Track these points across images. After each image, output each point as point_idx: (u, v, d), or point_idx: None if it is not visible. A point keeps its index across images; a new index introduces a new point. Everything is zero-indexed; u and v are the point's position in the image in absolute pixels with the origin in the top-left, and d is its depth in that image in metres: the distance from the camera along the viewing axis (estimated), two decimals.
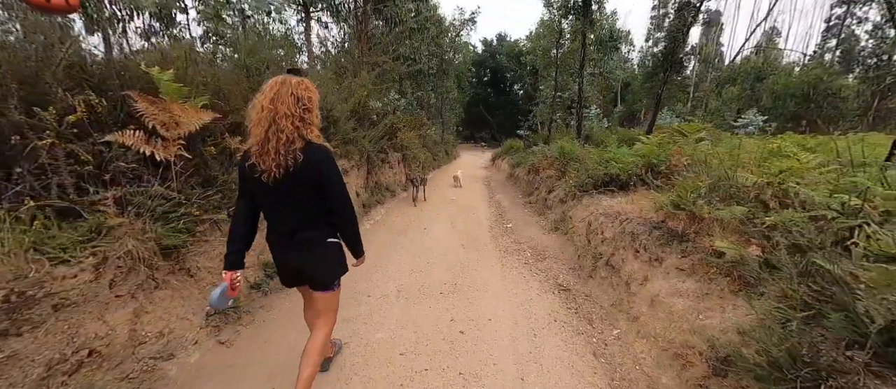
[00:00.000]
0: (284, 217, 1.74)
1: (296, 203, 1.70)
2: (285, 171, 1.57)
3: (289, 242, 1.77)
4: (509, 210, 8.00)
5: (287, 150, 1.56)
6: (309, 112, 1.64)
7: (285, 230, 1.76)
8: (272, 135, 1.55)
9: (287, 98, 1.56)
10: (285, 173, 1.57)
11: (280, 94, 1.56)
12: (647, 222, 3.55)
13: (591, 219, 4.71)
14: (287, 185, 1.61)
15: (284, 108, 1.55)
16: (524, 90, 41.13)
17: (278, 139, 1.54)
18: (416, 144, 10.31)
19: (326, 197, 1.71)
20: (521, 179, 11.00)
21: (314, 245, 1.79)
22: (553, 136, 12.42)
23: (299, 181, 1.62)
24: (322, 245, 1.81)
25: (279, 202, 1.70)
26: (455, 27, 17.98)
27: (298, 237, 1.75)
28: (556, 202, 6.68)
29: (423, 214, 7.00)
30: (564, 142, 7.41)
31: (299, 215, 1.73)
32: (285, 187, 1.62)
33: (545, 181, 8.03)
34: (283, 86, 1.58)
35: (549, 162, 8.58)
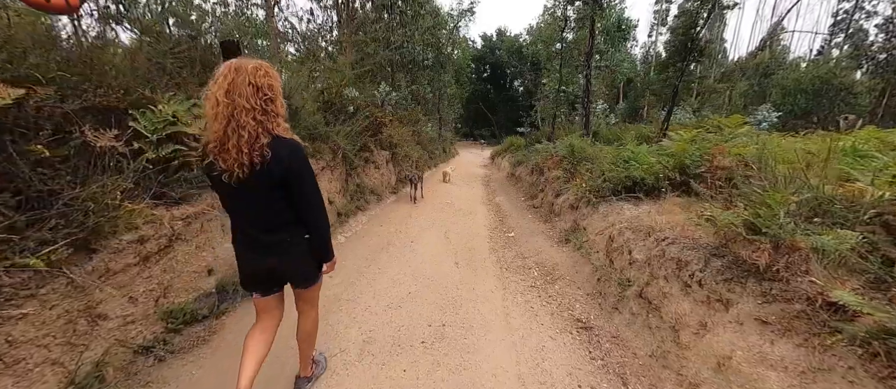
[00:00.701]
0: (253, 218, 1.60)
1: (265, 203, 1.55)
2: (250, 170, 1.42)
3: (261, 245, 1.63)
4: (511, 215, 7.15)
5: (251, 148, 1.39)
6: (271, 102, 1.45)
7: (255, 232, 1.61)
8: (232, 132, 1.37)
9: (244, 88, 1.36)
10: (250, 172, 1.42)
11: (236, 85, 1.36)
12: (698, 245, 2.69)
13: (612, 234, 3.85)
14: (253, 185, 1.47)
15: (243, 101, 1.36)
16: (525, 86, 40.30)
17: (240, 137, 1.37)
18: (408, 141, 9.44)
19: (295, 195, 1.56)
20: (524, 179, 10.14)
21: (290, 244, 1.67)
22: (557, 133, 11.55)
23: (267, 180, 1.47)
24: (299, 243, 1.69)
25: (246, 203, 1.56)
26: (453, 18, 17.07)
27: (271, 239, 1.62)
28: (565, 208, 5.83)
29: (412, 222, 6.13)
30: (573, 139, 6.56)
31: (269, 216, 1.59)
32: (251, 186, 1.47)
33: (551, 183, 7.17)
34: (238, 75, 1.37)
35: (556, 161, 7.72)
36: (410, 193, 8.12)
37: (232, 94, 1.36)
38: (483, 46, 41.90)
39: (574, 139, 6.63)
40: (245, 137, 1.37)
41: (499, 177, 13.35)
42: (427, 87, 14.72)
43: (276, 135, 1.46)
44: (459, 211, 7.22)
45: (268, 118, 1.43)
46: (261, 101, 1.40)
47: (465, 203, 8.17)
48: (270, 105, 1.44)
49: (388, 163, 7.87)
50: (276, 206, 1.57)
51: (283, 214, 1.60)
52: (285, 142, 1.49)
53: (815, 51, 34.90)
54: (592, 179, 5.15)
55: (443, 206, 7.60)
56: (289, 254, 1.68)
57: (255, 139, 1.39)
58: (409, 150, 9.01)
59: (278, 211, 1.58)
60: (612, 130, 10.80)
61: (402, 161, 8.67)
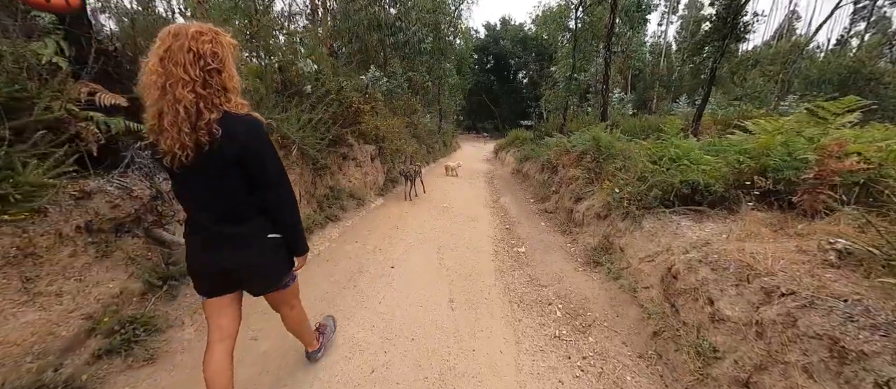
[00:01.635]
0: (206, 208, 1.37)
1: (217, 189, 1.32)
2: (196, 152, 1.22)
3: (211, 240, 1.40)
4: (519, 221, 5.98)
5: (193, 126, 1.18)
6: (217, 74, 1.22)
7: (207, 224, 1.38)
8: (168, 107, 1.17)
9: (181, 55, 1.15)
10: (197, 154, 1.22)
11: (172, 52, 1.15)
12: (868, 313, 1.52)
13: (673, 266, 2.68)
14: (203, 169, 1.26)
15: (180, 71, 1.15)
16: (529, 77, 38.95)
17: (176, 113, 1.17)
18: (401, 134, 8.26)
19: (255, 179, 1.34)
20: (532, 177, 8.96)
21: (248, 242, 1.43)
22: (569, 125, 10.35)
23: (220, 163, 1.27)
24: (259, 240, 1.45)
25: (196, 190, 1.34)
26: (455, 1, 15.73)
27: (226, 232, 1.39)
28: (589, 217, 4.65)
29: (397, 235, 4.97)
30: (597, 131, 5.35)
31: (224, 205, 1.36)
32: (201, 171, 1.27)
33: (568, 184, 5.99)
34: (176, 40, 1.16)
35: (573, 158, 6.53)
36: (405, 190, 7.02)
37: (166, 63, 1.16)
38: (486, 36, 40.46)
39: (598, 131, 5.43)
40: (181, 113, 1.17)
41: (503, 173, 12.17)
42: (426, 75, 13.48)
43: (228, 112, 1.24)
44: (458, 217, 6.05)
45: (212, 91, 1.21)
46: (202, 72, 1.18)
47: (466, 205, 7.00)
48: (215, 77, 1.21)
49: (374, 159, 6.70)
50: (231, 193, 1.34)
51: (241, 203, 1.37)
52: (240, 118, 1.27)
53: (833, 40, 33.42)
54: (629, 183, 3.97)
55: (439, 211, 6.44)
56: (246, 253, 1.44)
57: (195, 116, 1.19)
58: (401, 144, 7.83)
59: (234, 198, 1.36)
60: (631, 121, 9.56)
61: (392, 156, 7.50)
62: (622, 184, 4.01)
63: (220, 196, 1.35)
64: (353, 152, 5.71)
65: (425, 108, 16.76)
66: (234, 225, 1.39)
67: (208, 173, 1.29)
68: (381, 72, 8.69)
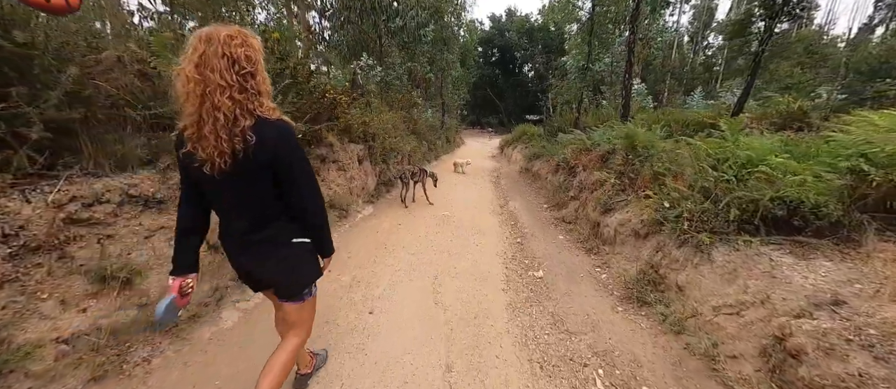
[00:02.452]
0: (237, 213, 1.37)
1: (250, 196, 1.32)
2: (232, 158, 1.19)
3: (244, 244, 1.41)
4: (534, 233, 5.06)
5: (230, 133, 1.17)
6: (252, 77, 1.20)
7: (238, 229, 1.38)
8: (207, 115, 1.15)
9: (216, 61, 1.12)
10: (233, 161, 1.20)
11: (207, 58, 1.12)
12: None
13: (792, 336, 1.75)
14: (237, 175, 1.24)
15: (216, 78, 1.12)
16: (536, 70, 37.79)
17: (216, 120, 1.14)
18: (397, 130, 7.33)
19: (285, 186, 1.32)
20: (544, 178, 8.02)
21: (277, 247, 1.42)
22: (584, 119, 9.38)
23: (252, 168, 1.24)
24: (286, 246, 1.44)
25: (229, 196, 1.33)
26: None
27: (255, 237, 1.38)
28: (625, 235, 3.71)
29: (382, 261, 4.01)
30: (632, 127, 4.38)
31: (255, 210, 1.35)
32: (234, 177, 1.24)
33: (592, 189, 5.05)
34: (209, 45, 1.13)
35: (595, 158, 5.58)
36: (401, 194, 6.13)
37: (203, 69, 1.13)
38: (491, 28, 39.27)
39: (634, 127, 4.45)
40: (221, 119, 1.15)
41: (510, 171, 11.23)
42: (427, 67, 12.51)
43: (261, 117, 1.23)
44: (461, 229, 5.13)
45: (247, 96, 1.19)
46: (238, 77, 1.17)
47: (470, 213, 6.08)
48: (250, 80, 1.20)
49: (362, 160, 5.76)
50: (261, 198, 1.33)
51: (272, 209, 1.37)
52: (271, 123, 1.25)
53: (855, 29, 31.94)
54: (687, 196, 3.03)
55: (438, 221, 5.52)
56: (273, 260, 1.43)
57: (233, 122, 1.17)
58: (396, 142, 6.89)
59: (263, 203, 1.34)
60: (651, 114, 8.55)
61: (384, 156, 6.57)
62: (676, 196, 3.07)
63: (252, 202, 1.33)
64: (334, 153, 4.78)
65: (427, 103, 15.82)
66: (261, 231, 1.37)
67: (240, 179, 1.26)
68: (375, 60, 7.74)
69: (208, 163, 1.19)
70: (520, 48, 37.03)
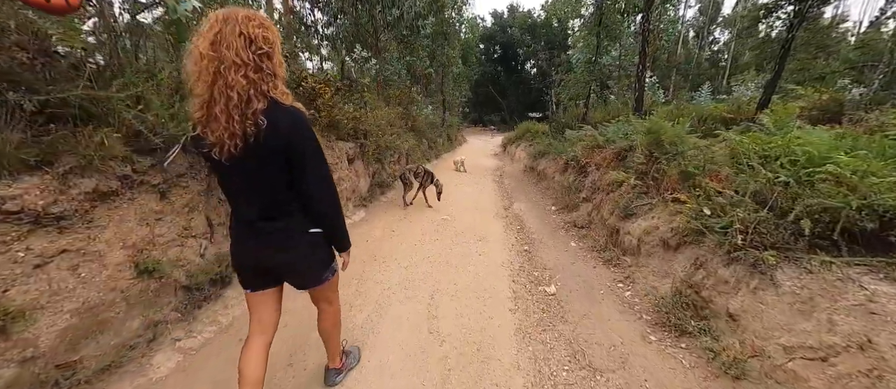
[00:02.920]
0: (246, 200, 1.32)
1: (260, 182, 1.27)
2: (243, 143, 1.15)
3: (253, 234, 1.35)
4: (542, 239, 4.55)
5: (242, 114, 1.13)
6: (268, 59, 1.17)
7: (248, 217, 1.34)
8: (219, 94, 1.11)
9: (234, 40, 1.09)
10: (244, 145, 1.15)
11: (223, 35, 1.09)
12: None
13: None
14: (248, 161, 1.20)
15: (232, 55, 1.09)
16: (538, 67, 37.17)
17: (229, 98, 1.10)
18: (394, 127, 6.82)
19: (298, 174, 1.28)
20: (551, 178, 7.50)
21: (289, 236, 1.38)
22: (593, 115, 8.85)
23: (263, 154, 1.20)
24: (300, 236, 1.40)
25: (239, 182, 1.29)
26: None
27: (267, 227, 1.34)
28: (652, 246, 3.19)
29: (376, 270, 3.54)
30: (658, 121, 3.82)
31: (265, 198, 1.30)
32: (246, 163, 1.20)
33: (607, 191, 4.53)
34: (227, 24, 1.10)
35: (609, 156, 5.07)
36: (404, 197, 5.68)
37: (219, 46, 1.10)
38: (493, 24, 38.68)
39: (656, 120, 3.91)
40: (234, 99, 1.11)
41: (513, 170, 10.72)
42: (426, 61, 11.95)
43: (274, 100, 1.19)
44: (462, 235, 4.63)
45: (262, 76, 1.15)
46: (255, 56, 1.13)
47: (471, 216, 5.58)
48: (266, 61, 1.16)
49: (353, 160, 5.23)
50: (272, 186, 1.29)
51: (283, 197, 1.32)
52: (285, 109, 1.21)
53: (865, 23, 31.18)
54: (734, 201, 2.51)
55: (437, 226, 5.01)
56: (287, 248, 1.39)
57: (246, 102, 1.13)
58: (392, 140, 6.38)
59: (275, 191, 1.30)
60: (668, 109, 8.00)
61: (380, 156, 6.05)
62: (721, 202, 2.55)
63: (262, 188, 1.29)
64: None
65: (427, 99, 15.30)
66: (273, 220, 1.34)
67: (251, 165, 1.22)
68: (370, 52, 7.22)
69: (217, 146, 1.14)
70: (522, 45, 36.44)
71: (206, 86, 1.11)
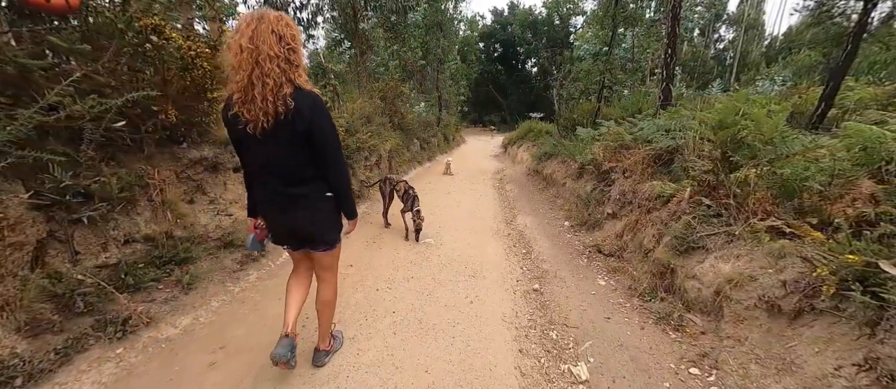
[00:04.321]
0: (275, 171, 1.56)
1: (287, 155, 1.51)
2: (274, 120, 1.39)
3: (281, 199, 1.61)
4: (557, 271, 3.34)
5: (275, 97, 1.36)
6: (294, 52, 1.42)
7: (276, 185, 1.58)
8: (256, 80, 1.35)
9: (268, 36, 1.33)
10: (274, 122, 1.40)
11: (259, 32, 1.33)
12: None
13: None
14: (277, 136, 1.43)
15: (267, 49, 1.33)
16: (540, 66, 35.92)
17: (264, 85, 1.35)
18: (370, 124, 5.62)
19: (316, 148, 1.52)
20: (561, 184, 6.28)
21: (311, 201, 1.63)
22: (606, 111, 7.65)
23: (290, 131, 1.43)
24: (321, 200, 1.65)
25: (268, 154, 1.52)
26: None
27: (292, 192, 1.59)
28: (748, 305, 1.98)
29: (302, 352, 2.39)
30: (738, 106, 2.59)
31: (291, 168, 1.55)
32: (274, 138, 1.44)
33: (647, 209, 3.31)
34: (262, 23, 1.35)
35: (643, 159, 3.86)
36: (384, 213, 4.51)
37: (256, 41, 1.33)
38: (493, 22, 37.51)
39: (733, 103, 2.65)
40: (270, 85, 1.34)
41: (516, 173, 9.52)
42: (418, 52, 10.74)
43: (298, 86, 1.42)
44: (447, 271, 3.42)
45: (291, 67, 1.40)
46: (285, 50, 1.37)
47: (463, 237, 4.37)
48: (293, 55, 1.41)
49: None
50: (298, 159, 1.52)
51: (306, 168, 1.56)
52: (307, 93, 1.45)
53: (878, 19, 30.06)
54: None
55: (413, 257, 3.79)
56: (309, 211, 1.64)
57: (278, 87, 1.36)
58: (366, 139, 5.16)
59: (301, 164, 1.54)
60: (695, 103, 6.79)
61: (349, 158, 4.84)
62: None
63: (289, 160, 1.51)
64: (227, 156, 3.01)
65: (424, 96, 14.09)
66: (297, 187, 1.57)
67: (279, 141, 1.44)
68: (343, 34, 6.03)
69: (252, 123, 1.38)
70: (523, 43, 35.27)
71: (246, 74, 1.32)
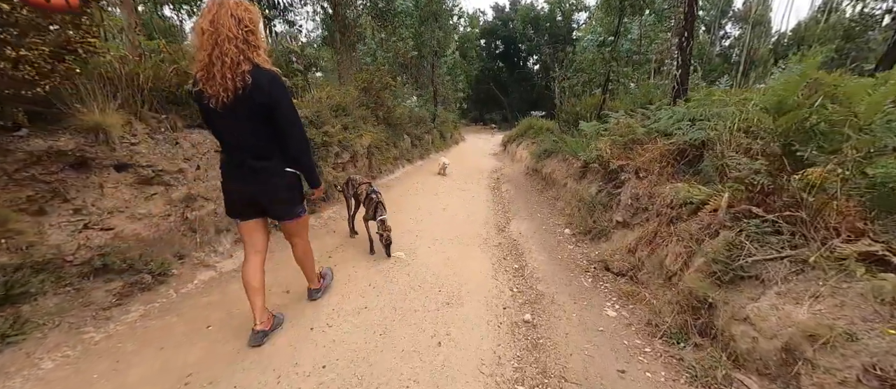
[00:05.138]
0: (238, 143, 1.73)
1: (249, 129, 1.67)
2: (234, 95, 1.56)
3: (243, 170, 1.75)
4: (555, 295, 2.65)
5: (234, 74, 1.53)
6: (252, 34, 1.59)
7: (239, 157, 1.74)
8: (216, 59, 1.51)
9: (227, 20, 1.51)
10: (234, 97, 1.56)
11: (219, 16, 1.51)
12: None
13: None
14: (238, 110, 1.60)
15: (226, 30, 1.51)
16: (542, 62, 35.10)
17: (223, 63, 1.52)
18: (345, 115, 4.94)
19: (276, 122, 1.68)
20: (562, 185, 5.59)
21: (271, 174, 1.79)
22: (612, 104, 6.97)
23: (250, 106, 1.60)
24: (280, 174, 1.82)
25: (231, 128, 1.69)
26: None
27: (255, 165, 1.74)
28: (846, 374, 1.32)
29: None
30: (803, 79, 1.93)
31: (253, 141, 1.71)
32: (236, 112, 1.61)
33: (670, 214, 2.63)
34: (222, 8, 1.52)
35: (662, 155, 3.17)
36: (349, 219, 3.78)
37: (216, 24, 1.50)
38: (494, 18, 36.72)
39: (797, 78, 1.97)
40: (227, 63, 1.51)
41: (514, 172, 8.84)
42: (410, 43, 10.04)
43: (257, 64, 1.58)
44: (416, 295, 2.75)
45: (248, 47, 1.56)
46: (243, 32, 1.54)
47: (444, 250, 3.69)
48: (251, 36, 1.57)
49: None
50: (260, 133, 1.68)
51: (268, 142, 1.72)
52: (265, 71, 1.61)
53: None
54: None
55: (375, 280, 3.12)
56: (270, 183, 1.79)
57: (236, 65, 1.52)
58: (337, 131, 4.48)
59: (263, 137, 1.70)
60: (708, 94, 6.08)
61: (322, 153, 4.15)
62: None
63: (251, 134, 1.67)
64: (129, 151, 2.33)
65: (418, 91, 13.40)
66: (260, 160, 1.73)
67: (240, 115, 1.61)
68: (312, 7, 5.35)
69: (214, 98, 1.55)
70: (525, 39, 34.46)
71: (207, 54, 1.50)
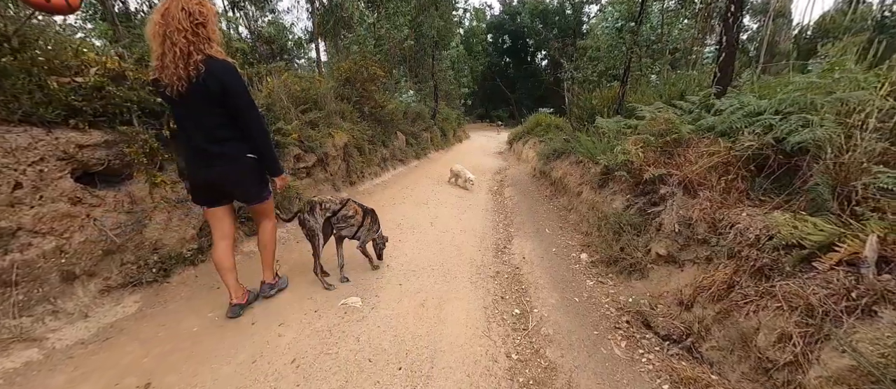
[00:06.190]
0: (196, 131, 1.80)
1: (207, 116, 1.77)
2: (188, 84, 1.65)
3: (203, 156, 1.83)
4: (571, 370, 1.73)
5: (186, 63, 1.63)
6: (203, 26, 1.68)
7: (198, 144, 1.81)
8: (168, 49, 1.62)
9: (177, 13, 1.62)
10: (189, 86, 1.66)
11: (170, 10, 1.63)
12: None
13: None
14: (194, 99, 1.70)
15: (175, 23, 1.61)
16: (550, 57, 33.94)
17: (174, 53, 1.62)
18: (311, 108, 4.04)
19: (232, 110, 1.78)
20: (576, 194, 4.62)
21: (231, 160, 1.87)
22: (632, 98, 5.99)
23: (204, 92, 1.69)
24: (239, 159, 1.89)
25: (189, 116, 1.78)
26: None
27: (213, 150, 1.82)
28: None
29: None
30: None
31: (210, 128, 1.79)
32: (192, 100, 1.71)
33: (749, 259, 1.70)
34: (173, 2, 1.63)
35: (729, 162, 2.21)
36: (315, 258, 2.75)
37: (166, 17, 1.62)
38: (501, 12, 35.62)
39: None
40: (177, 53, 1.61)
41: (519, 174, 7.90)
42: (405, 30, 9.11)
43: (209, 55, 1.69)
44: (359, 381, 1.85)
45: (198, 39, 1.66)
46: (192, 24, 1.63)
47: (422, 284, 2.78)
48: (202, 29, 1.67)
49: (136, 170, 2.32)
50: (215, 119, 1.77)
51: (225, 128, 1.81)
52: (219, 60, 1.71)
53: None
54: None
55: (310, 352, 2.23)
56: (230, 168, 1.88)
57: (187, 55, 1.63)
58: (296, 126, 3.56)
59: (219, 124, 1.79)
60: (767, 85, 5.05)
61: None
62: None
63: (207, 121, 1.77)
64: None
65: (418, 85, 12.50)
66: (219, 145, 1.81)
67: (197, 102, 1.71)
68: None
69: (170, 86, 1.64)
70: (533, 33, 33.30)
71: (159, 44, 1.61)
